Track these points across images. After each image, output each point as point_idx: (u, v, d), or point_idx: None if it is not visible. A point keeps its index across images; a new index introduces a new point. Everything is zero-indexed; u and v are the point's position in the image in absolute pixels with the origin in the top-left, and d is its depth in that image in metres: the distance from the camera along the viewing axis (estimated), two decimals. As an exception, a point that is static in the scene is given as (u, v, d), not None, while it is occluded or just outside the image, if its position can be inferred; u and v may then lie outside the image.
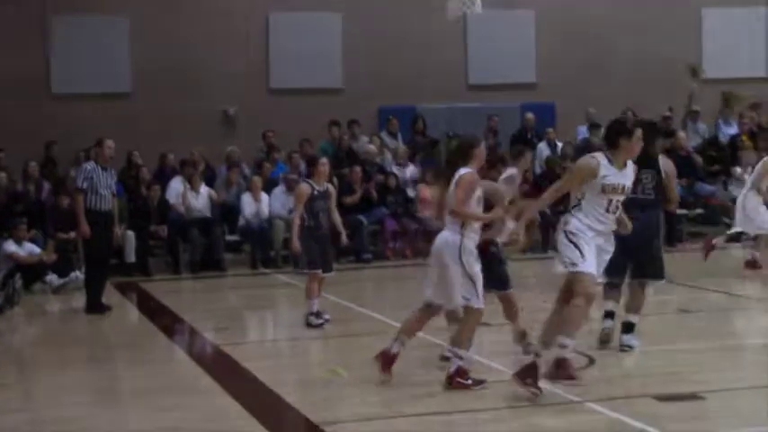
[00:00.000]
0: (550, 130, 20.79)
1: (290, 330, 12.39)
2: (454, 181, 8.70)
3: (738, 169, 19.48)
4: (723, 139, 21.16)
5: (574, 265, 8.46)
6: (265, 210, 18.31)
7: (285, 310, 14.37)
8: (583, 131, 20.82)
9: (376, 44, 21.53)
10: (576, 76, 21.68)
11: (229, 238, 18.55)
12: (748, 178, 15.18)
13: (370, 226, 18.69)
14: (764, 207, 14.58)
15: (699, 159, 20.20)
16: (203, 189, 18.42)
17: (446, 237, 8.70)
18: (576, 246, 8.45)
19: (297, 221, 11.88)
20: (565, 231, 8.55)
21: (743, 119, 21.17)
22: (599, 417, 7.82)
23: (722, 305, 13.12)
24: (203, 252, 18.00)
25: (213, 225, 18.08)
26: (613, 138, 8.73)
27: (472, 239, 8.67)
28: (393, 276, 17.02)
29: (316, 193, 11.91)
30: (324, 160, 12.42)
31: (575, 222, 8.57)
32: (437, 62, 21.56)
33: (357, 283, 16.37)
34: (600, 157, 8.71)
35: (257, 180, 18.60)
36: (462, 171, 8.74)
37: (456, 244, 8.60)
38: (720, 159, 20.56)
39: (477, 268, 8.62)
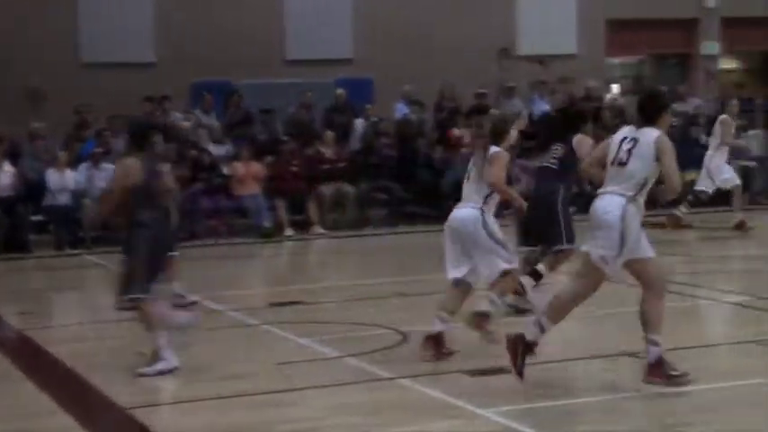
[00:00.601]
0: (369, 106, 20.85)
1: (98, 313, 12.08)
2: (488, 158, 9.00)
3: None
4: (537, 115, 21.57)
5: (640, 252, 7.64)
6: (71, 187, 17.77)
7: (94, 292, 14.02)
8: (401, 108, 20.97)
9: (190, 18, 21.20)
10: (394, 53, 21.80)
11: (35, 218, 17.96)
12: (712, 139, 16.62)
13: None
14: (727, 165, 16.29)
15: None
16: (6, 166, 17.77)
17: (465, 213, 9.01)
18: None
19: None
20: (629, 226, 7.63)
21: (555, 95, 21.68)
22: (409, 393, 7.90)
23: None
24: (7, 232, 17.38)
25: (17, 204, 17.48)
26: (653, 113, 7.80)
27: (491, 214, 9.06)
28: (205, 255, 16.76)
29: None
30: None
31: (634, 210, 7.66)
32: (253, 36, 21.37)
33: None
34: None
35: (63, 156, 18.03)
36: (495, 149, 9.07)
37: (478, 217, 8.93)
38: (534, 135, 20.95)
39: (501, 233, 9.06)
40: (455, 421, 7.17)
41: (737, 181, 16.30)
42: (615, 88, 24.72)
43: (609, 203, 7.66)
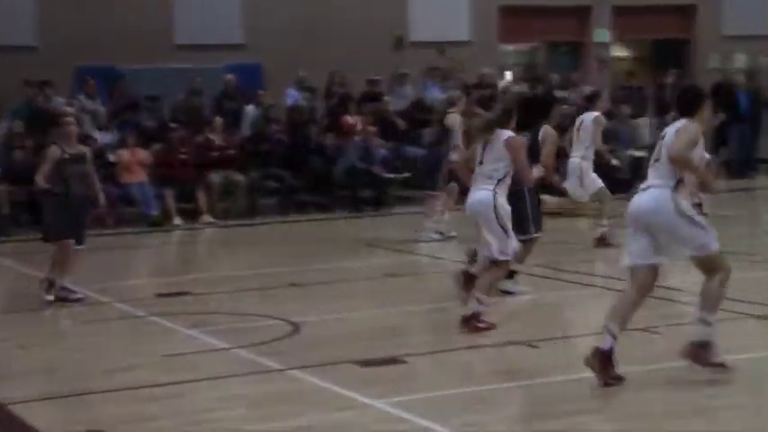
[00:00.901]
0: (260, 92, 20.71)
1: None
2: (504, 143, 9.34)
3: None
4: (430, 102, 21.68)
5: (704, 247, 7.59)
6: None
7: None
8: (293, 94, 20.87)
9: (74, 0, 20.82)
10: (286, 38, 21.68)
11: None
12: (578, 141, 14.26)
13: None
14: (594, 175, 14.14)
15: (401, 123, 20.61)
16: None
17: (481, 196, 9.37)
18: (701, 226, 7.62)
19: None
20: (685, 214, 7.57)
21: (448, 81, 21.80)
22: (299, 384, 7.86)
23: (426, 268, 13.47)
24: None
25: None
26: (693, 107, 7.75)
27: (504, 197, 9.41)
28: (90, 246, 16.41)
29: (67, 156, 11.28)
30: (70, 119, 11.76)
31: (684, 202, 7.62)
32: (139, 20, 21.05)
33: (45, 253, 15.73)
34: None
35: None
36: (508, 133, 9.43)
37: (491, 202, 9.31)
38: (426, 122, 21.06)
39: (510, 224, 9.40)
40: (346, 412, 7.17)
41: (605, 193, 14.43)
42: (509, 75, 24.95)
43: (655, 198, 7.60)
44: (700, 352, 7.60)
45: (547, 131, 11.01)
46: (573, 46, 25.23)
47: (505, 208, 9.41)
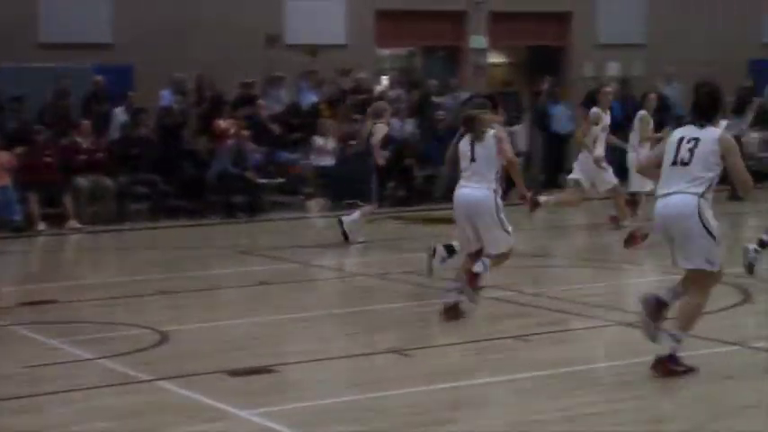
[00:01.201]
0: (131, 93, 20.46)
1: None
2: (494, 137, 9.84)
3: (319, 139, 20.11)
4: (304, 106, 21.72)
5: (712, 264, 7.83)
6: None
7: None
8: (167, 96, 20.67)
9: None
10: (157, 38, 21.46)
11: None
12: (632, 136, 16.38)
13: None
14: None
15: (275, 128, 20.57)
16: None
17: (478, 195, 9.83)
18: (716, 240, 7.80)
19: None
20: (708, 224, 7.78)
21: (323, 86, 21.87)
22: (167, 395, 7.81)
23: (301, 276, 13.48)
24: None
25: None
26: (710, 113, 7.95)
27: (499, 194, 9.94)
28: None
29: None
30: None
31: (710, 212, 7.78)
32: (3, 17, 20.62)
33: None
34: None
35: None
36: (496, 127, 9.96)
37: (491, 202, 9.84)
38: (301, 127, 21.11)
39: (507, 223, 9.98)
40: (215, 424, 7.15)
41: None
42: (385, 80, 25.11)
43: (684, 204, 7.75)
44: (667, 364, 7.79)
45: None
46: (449, 51, 25.49)
47: (502, 206, 9.97)
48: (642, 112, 16.73)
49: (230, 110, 20.35)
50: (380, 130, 15.53)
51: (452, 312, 10.01)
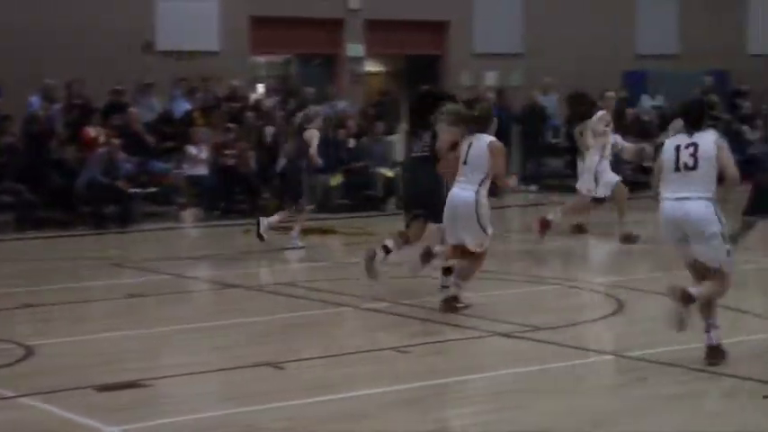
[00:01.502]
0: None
1: None
2: (488, 147, 10.45)
3: (192, 148, 19.93)
4: (177, 114, 21.51)
5: (726, 264, 8.46)
6: None
7: None
8: (36, 102, 20.25)
9: None
10: (23, 42, 21.03)
11: None
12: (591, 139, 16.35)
13: None
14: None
15: (149, 138, 20.32)
16: None
17: (464, 196, 10.48)
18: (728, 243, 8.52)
19: None
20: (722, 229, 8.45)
21: (196, 93, 21.70)
22: (31, 413, 7.64)
23: (174, 288, 13.31)
24: None
25: None
26: (700, 121, 8.58)
27: (486, 197, 10.57)
28: None
29: None
30: None
31: (723, 215, 8.54)
32: None
33: None
34: None
35: None
36: (490, 138, 10.53)
37: (473, 202, 10.45)
38: (174, 136, 20.89)
39: (489, 223, 10.63)
40: (81, 441, 7.02)
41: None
42: (261, 88, 25.03)
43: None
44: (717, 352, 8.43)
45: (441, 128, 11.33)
46: (326, 59, 25.53)
47: (487, 206, 10.59)
48: (601, 112, 16.84)
49: (101, 118, 20.04)
50: (314, 135, 15.76)
51: (448, 305, 10.78)
